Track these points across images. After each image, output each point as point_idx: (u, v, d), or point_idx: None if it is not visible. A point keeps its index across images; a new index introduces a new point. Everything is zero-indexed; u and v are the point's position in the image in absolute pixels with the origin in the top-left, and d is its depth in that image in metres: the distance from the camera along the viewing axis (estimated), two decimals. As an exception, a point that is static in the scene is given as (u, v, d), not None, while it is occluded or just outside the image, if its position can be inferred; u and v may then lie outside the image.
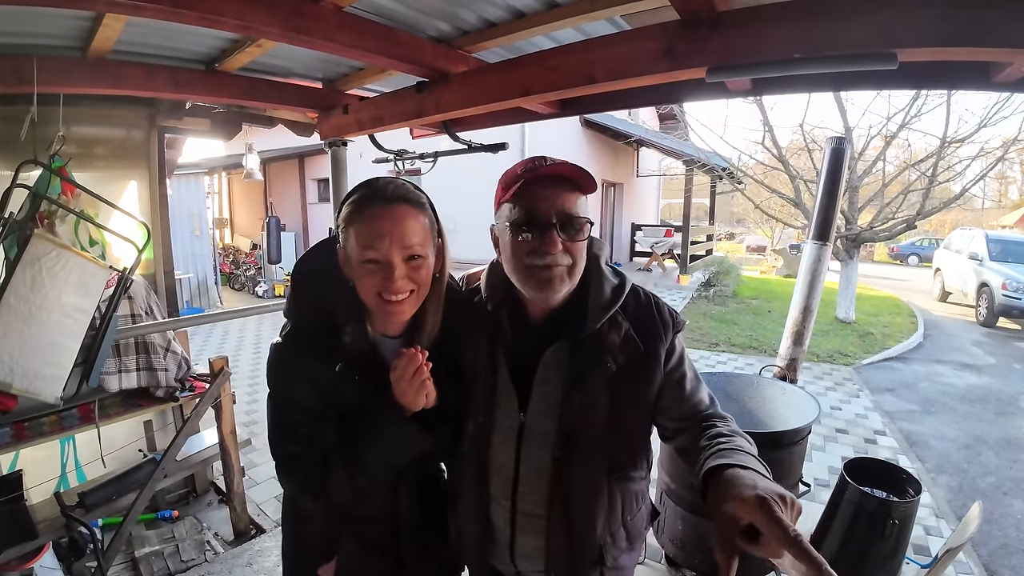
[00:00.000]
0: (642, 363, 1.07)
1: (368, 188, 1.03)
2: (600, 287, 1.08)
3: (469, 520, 1.19)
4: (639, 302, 1.13)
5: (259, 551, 2.82)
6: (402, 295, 1.00)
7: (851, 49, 1.26)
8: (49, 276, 1.94)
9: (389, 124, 2.43)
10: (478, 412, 1.12)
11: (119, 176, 3.07)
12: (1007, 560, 3.18)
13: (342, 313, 1.06)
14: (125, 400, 2.75)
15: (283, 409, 1.09)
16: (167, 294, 3.29)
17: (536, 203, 0.99)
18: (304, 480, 1.06)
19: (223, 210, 14.84)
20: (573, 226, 1.00)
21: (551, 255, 0.98)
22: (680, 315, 1.15)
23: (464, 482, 1.19)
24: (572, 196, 1.01)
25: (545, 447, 1.07)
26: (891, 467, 2.25)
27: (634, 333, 1.07)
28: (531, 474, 1.09)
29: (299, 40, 1.59)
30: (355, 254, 1.00)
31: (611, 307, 1.07)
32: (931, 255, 16.44)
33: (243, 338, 8.04)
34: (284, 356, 1.07)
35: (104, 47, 1.91)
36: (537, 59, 1.80)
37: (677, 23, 1.45)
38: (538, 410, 1.07)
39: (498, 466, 1.13)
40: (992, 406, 5.74)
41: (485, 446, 1.13)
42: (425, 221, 1.04)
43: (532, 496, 1.10)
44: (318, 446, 1.06)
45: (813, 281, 2.82)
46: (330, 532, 1.20)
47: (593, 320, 1.05)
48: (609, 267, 1.14)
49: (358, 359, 1.05)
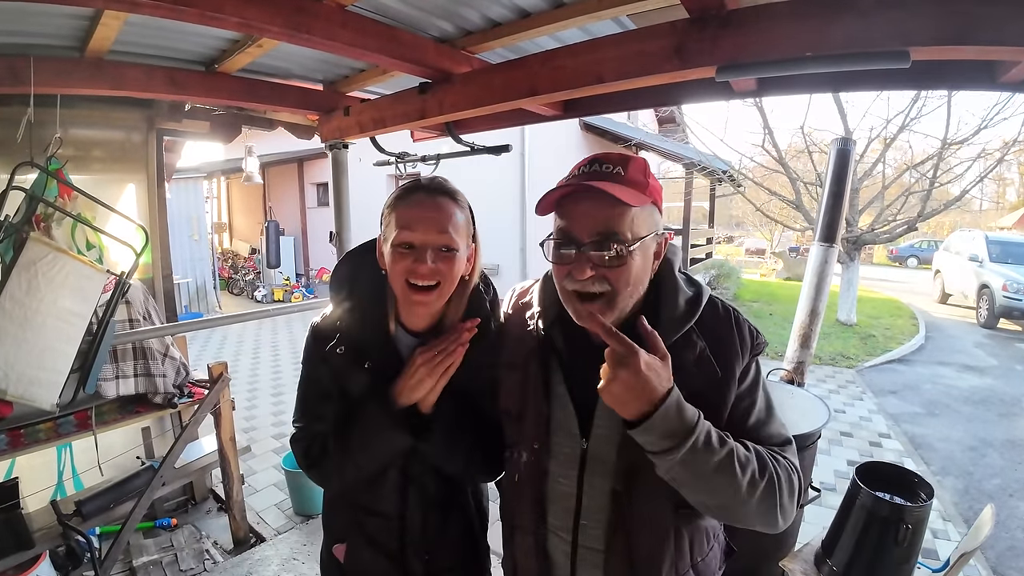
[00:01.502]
0: (716, 389, 0.94)
1: (415, 180, 1.09)
2: (673, 299, 0.97)
3: (527, 554, 1.10)
4: (717, 317, 0.99)
5: (259, 560, 2.78)
6: (428, 282, 1.02)
7: (864, 47, 1.23)
8: (45, 280, 1.91)
9: (391, 126, 2.39)
10: (532, 439, 1.03)
11: (117, 179, 3.04)
12: (1015, 562, 3.16)
13: (366, 301, 1.12)
14: (123, 406, 2.72)
15: (303, 382, 1.18)
16: (165, 298, 3.25)
17: (571, 219, 0.91)
18: (304, 451, 1.15)
19: (222, 214, 14.83)
20: (609, 249, 0.88)
21: (579, 281, 0.90)
22: (762, 335, 1.01)
23: (520, 513, 1.10)
24: (614, 212, 0.88)
25: (608, 478, 0.97)
26: (903, 471, 2.21)
27: (710, 354, 0.95)
28: (595, 506, 0.99)
29: (300, 39, 1.56)
30: (390, 237, 1.03)
31: (685, 323, 0.96)
32: (930, 257, 16.46)
33: (242, 343, 7.99)
34: (310, 335, 1.17)
35: (102, 47, 1.88)
36: (543, 59, 1.76)
37: (686, 21, 1.42)
38: (602, 436, 0.97)
39: (558, 496, 1.03)
40: (995, 408, 5.73)
41: (543, 475, 1.04)
42: (462, 218, 1.07)
43: (595, 530, 1.00)
44: (323, 423, 1.13)
45: (820, 284, 2.79)
46: (344, 516, 1.25)
47: (666, 336, 0.92)
48: (683, 275, 1.03)
49: (371, 347, 1.10)
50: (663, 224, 0.98)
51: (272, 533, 3.08)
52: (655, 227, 0.94)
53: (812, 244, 2.87)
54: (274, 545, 2.92)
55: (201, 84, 2.21)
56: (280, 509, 3.40)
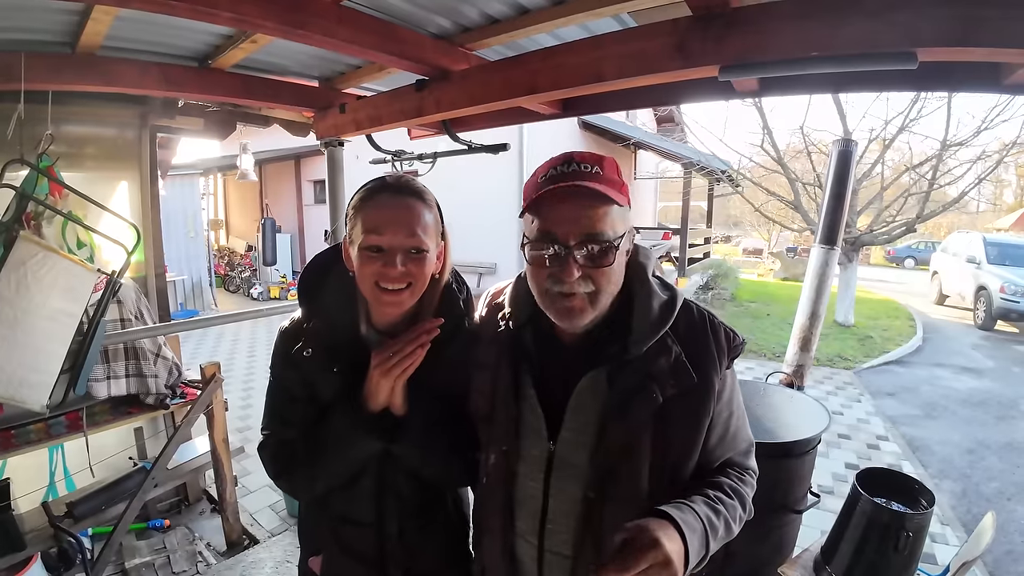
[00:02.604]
0: (693, 395, 0.92)
1: (379, 180, 1.06)
2: (647, 304, 0.95)
3: (495, 556, 1.08)
4: (692, 322, 0.97)
5: (252, 563, 2.75)
6: (399, 285, 1.00)
7: (871, 48, 1.21)
8: (35, 280, 1.88)
9: (387, 123, 2.37)
10: (501, 441, 1.02)
11: (109, 176, 3.00)
12: (1013, 567, 3.15)
13: (334, 303, 1.09)
14: (114, 407, 2.69)
15: (271, 387, 1.16)
16: (158, 297, 3.21)
17: (553, 220, 0.89)
18: (271, 458, 1.13)
19: (219, 211, 14.77)
20: (596, 250, 0.87)
21: (566, 283, 0.88)
22: (739, 336, 0.99)
23: (489, 516, 1.08)
24: (598, 212, 0.87)
25: (577, 482, 0.95)
26: (903, 477, 2.20)
27: (686, 359, 0.93)
28: (561, 510, 0.97)
29: (296, 35, 1.53)
30: (358, 240, 1.00)
31: (660, 328, 0.93)
32: (927, 258, 16.51)
33: (237, 342, 7.95)
34: (278, 339, 1.14)
35: (93, 42, 1.85)
36: (543, 56, 1.74)
37: (689, 19, 1.40)
38: (570, 440, 0.95)
39: (525, 499, 1.01)
40: (993, 410, 5.72)
41: (511, 477, 1.02)
42: (431, 218, 1.05)
43: (562, 535, 0.98)
44: (292, 429, 1.10)
45: (820, 286, 2.77)
46: (319, 527, 1.22)
47: (638, 343, 0.92)
48: (657, 279, 1.00)
49: (341, 350, 1.06)
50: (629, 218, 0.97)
51: (266, 535, 3.05)
52: (628, 224, 0.93)
53: (813, 246, 2.85)
54: (268, 547, 2.89)
55: (195, 80, 2.18)
56: (274, 511, 3.36)
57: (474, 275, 9.99)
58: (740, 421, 1.02)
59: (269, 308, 3.08)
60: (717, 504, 0.91)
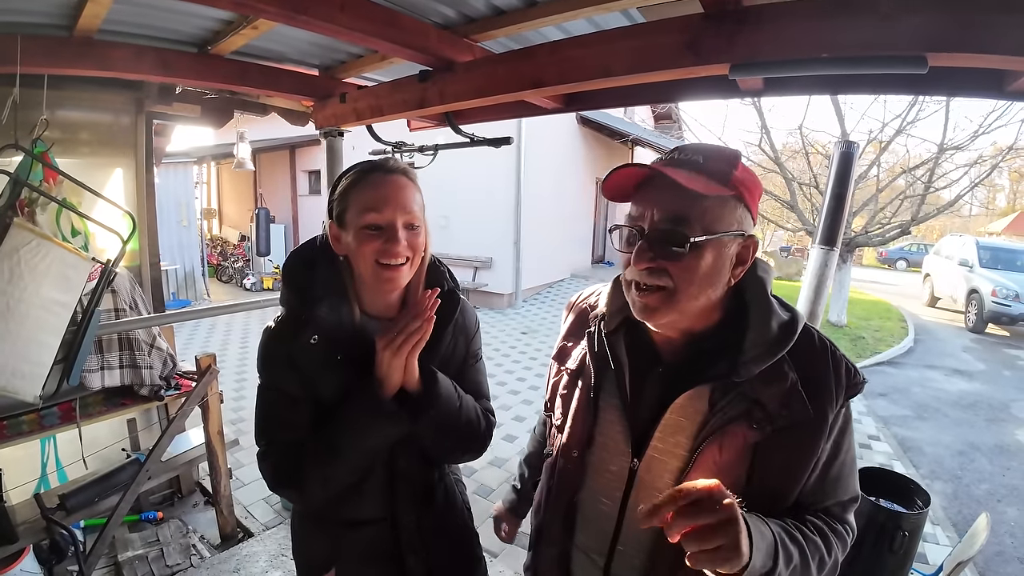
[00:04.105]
0: (804, 430, 0.82)
1: (368, 162, 1.08)
2: (765, 322, 0.85)
3: (549, 563, 1.05)
4: (813, 349, 0.87)
5: (247, 556, 2.73)
6: (400, 260, 1.02)
7: (881, 51, 1.20)
8: (28, 268, 1.84)
9: (389, 114, 2.34)
10: (574, 446, 0.97)
11: (104, 163, 2.95)
12: (1003, 568, 3.19)
13: (325, 294, 1.06)
14: (108, 398, 2.65)
15: (266, 391, 1.09)
16: (153, 287, 3.17)
17: (639, 205, 0.85)
18: (277, 466, 1.06)
19: (212, 200, 14.64)
20: (672, 238, 0.80)
21: (637, 271, 0.83)
22: (860, 373, 0.88)
23: (549, 521, 1.04)
24: (685, 198, 0.80)
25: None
26: (899, 477, 2.21)
27: (802, 388, 0.83)
28: (637, 533, 0.90)
29: (298, 21, 1.50)
30: (354, 221, 1.01)
31: (778, 350, 0.83)
32: (919, 260, 16.61)
33: (230, 333, 7.89)
34: (269, 339, 1.09)
35: (91, 26, 1.81)
36: (550, 50, 1.71)
37: (700, 17, 1.38)
38: (657, 459, 0.88)
39: (595, 515, 0.95)
40: (984, 412, 5.77)
41: (576, 487, 0.97)
42: (418, 195, 1.08)
43: (632, 559, 0.91)
44: (296, 432, 1.05)
45: (819, 287, 2.76)
46: (327, 540, 1.17)
47: (751, 363, 0.82)
48: (775, 298, 0.90)
49: (341, 339, 1.04)
50: (751, 226, 0.87)
51: (260, 528, 3.03)
52: (737, 224, 0.83)
53: (812, 247, 2.84)
54: (262, 540, 2.88)
55: (193, 66, 2.14)
56: (268, 503, 3.34)
57: (470, 269, 9.97)
58: (847, 469, 0.89)
59: (264, 299, 3.04)
60: (794, 531, 0.82)
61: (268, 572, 2.62)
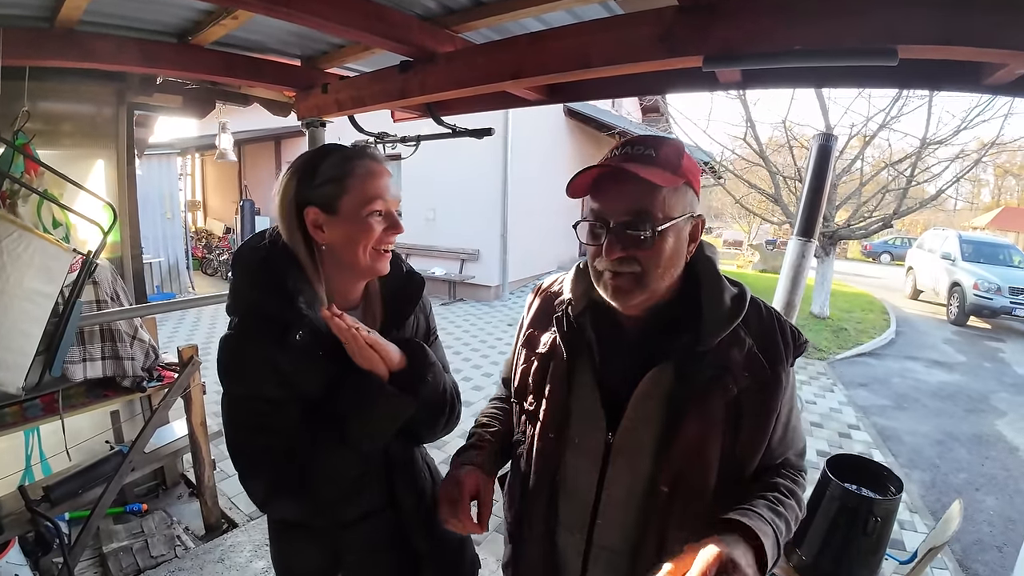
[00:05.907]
0: (765, 388, 0.91)
1: (348, 148, 1.06)
2: (718, 295, 0.94)
3: (534, 543, 1.08)
4: (761, 316, 0.97)
5: (231, 546, 2.75)
6: (394, 245, 1.06)
7: (852, 43, 1.23)
8: (10, 259, 1.84)
9: (370, 105, 2.33)
10: (550, 427, 1.01)
11: (86, 155, 2.93)
12: (981, 556, 3.26)
13: (298, 288, 0.99)
14: (90, 390, 2.65)
15: (244, 401, 0.99)
16: (135, 279, 3.16)
17: (602, 200, 0.90)
18: (274, 478, 0.98)
19: (196, 192, 14.49)
20: (637, 229, 0.86)
21: (609, 261, 0.89)
22: (802, 335, 0.99)
23: (531, 503, 1.07)
24: (646, 192, 0.86)
25: (636, 476, 0.93)
26: (872, 464, 2.26)
27: (758, 351, 0.92)
28: (616, 505, 0.96)
29: (278, 12, 1.50)
30: (356, 208, 0.99)
31: (734, 319, 0.92)
32: (903, 253, 16.82)
33: (214, 325, 7.85)
34: (239, 345, 0.99)
35: (72, 16, 1.79)
36: (529, 40, 1.72)
37: (675, 9, 1.40)
38: (631, 431, 0.94)
39: (574, 490, 1.00)
40: (963, 403, 5.89)
41: (556, 465, 1.01)
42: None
43: (614, 530, 0.97)
44: (285, 439, 0.97)
45: (796, 277, 2.81)
46: (322, 548, 1.13)
47: (712, 333, 0.90)
48: (724, 276, 0.99)
49: (322, 332, 0.97)
50: (698, 207, 0.95)
51: (244, 519, 3.04)
52: (688, 208, 0.91)
53: (790, 238, 2.89)
54: (246, 531, 2.89)
55: (174, 57, 2.12)
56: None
57: (457, 261, 9.96)
58: (797, 420, 1.02)
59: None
60: (778, 506, 0.90)
61: (252, 562, 2.64)
